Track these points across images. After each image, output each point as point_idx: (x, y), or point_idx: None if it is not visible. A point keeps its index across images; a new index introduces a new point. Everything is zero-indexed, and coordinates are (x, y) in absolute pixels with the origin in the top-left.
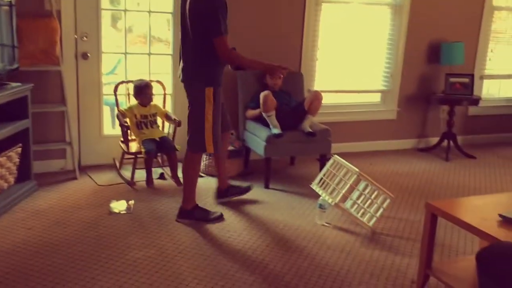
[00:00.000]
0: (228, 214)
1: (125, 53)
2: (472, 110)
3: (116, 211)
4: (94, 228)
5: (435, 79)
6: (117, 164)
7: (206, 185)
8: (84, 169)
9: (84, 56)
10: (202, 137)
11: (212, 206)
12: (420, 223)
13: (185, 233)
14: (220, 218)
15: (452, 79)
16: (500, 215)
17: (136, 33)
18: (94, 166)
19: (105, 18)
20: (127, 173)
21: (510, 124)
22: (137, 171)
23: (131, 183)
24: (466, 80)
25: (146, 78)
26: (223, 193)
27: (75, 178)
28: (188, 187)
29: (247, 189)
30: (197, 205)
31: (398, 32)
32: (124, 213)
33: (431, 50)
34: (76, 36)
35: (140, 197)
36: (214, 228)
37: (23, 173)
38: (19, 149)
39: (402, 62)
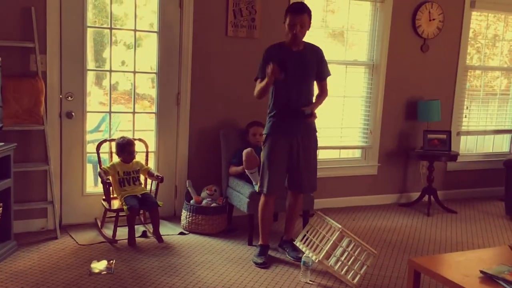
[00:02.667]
0: (211, 272)
1: (110, 112)
2: (451, 166)
3: (97, 271)
4: None
5: (413, 135)
6: (99, 223)
7: (190, 241)
8: (65, 228)
9: (69, 115)
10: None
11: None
12: (404, 280)
13: None
14: (262, 265)
15: (430, 136)
16: (482, 271)
17: (120, 90)
18: (76, 225)
19: (89, 76)
20: (109, 232)
21: (489, 178)
22: (119, 229)
23: (112, 241)
24: (443, 136)
25: (130, 135)
26: (282, 243)
27: (55, 238)
28: (259, 224)
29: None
30: (262, 244)
31: (376, 91)
32: (104, 273)
33: (409, 107)
34: (61, 96)
35: (122, 256)
36: None
37: (3, 233)
38: (0, 209)
39: (381, 119)
